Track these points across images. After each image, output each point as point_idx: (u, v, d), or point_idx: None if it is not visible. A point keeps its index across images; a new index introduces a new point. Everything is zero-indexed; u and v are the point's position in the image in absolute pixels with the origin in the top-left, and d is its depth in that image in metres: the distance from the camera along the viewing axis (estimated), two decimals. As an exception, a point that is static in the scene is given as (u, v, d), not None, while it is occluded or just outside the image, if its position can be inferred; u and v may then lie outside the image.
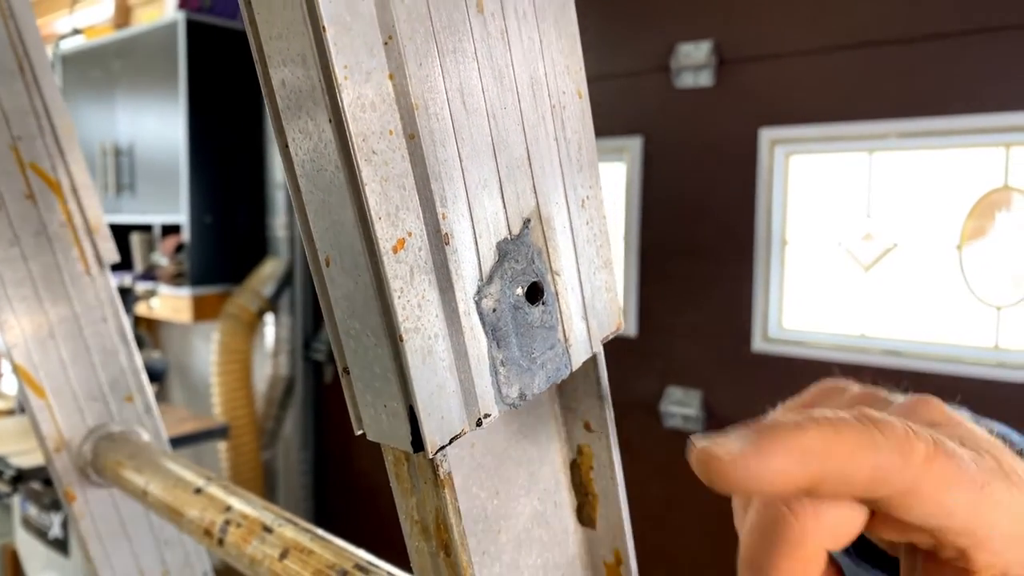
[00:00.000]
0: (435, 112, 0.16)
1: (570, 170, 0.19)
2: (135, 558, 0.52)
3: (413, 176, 0.16)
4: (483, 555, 0.22)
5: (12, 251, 0.46)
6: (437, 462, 0.18)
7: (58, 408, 0.48)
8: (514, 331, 0.18)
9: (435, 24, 0.16)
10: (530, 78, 0.18)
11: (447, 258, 0.16)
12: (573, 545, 0.25)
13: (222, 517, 0.37)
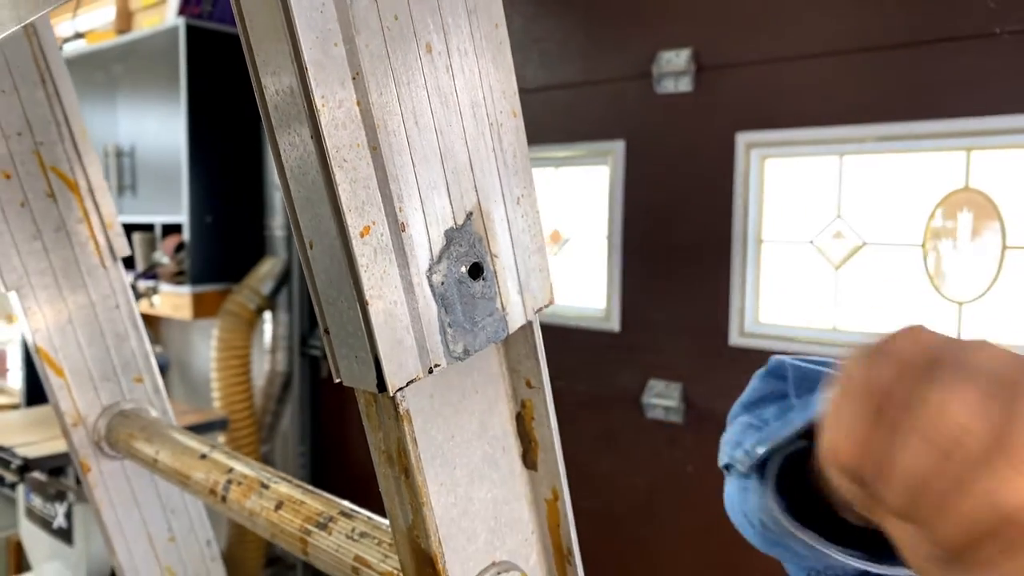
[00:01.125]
0: (393, 129, 0.21)
1: (506, 174, 0.24)
2: (144, 524, 0.57)
3: (376, 179, 0.20)
4: (440, 485, 0.26)
5: (35, 244, 0.50)
6: (398, 400, 0.22)
7: (75, 387, 0.52)
8: (459, 300, 0.23)
9: (392, 62, 0.20)
10: (471, 102, 0.23)
11: (403, 242, 0.21)
12: (519, 484, 0.30)
13: (224, 478, 0.42)
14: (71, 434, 0.53)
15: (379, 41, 0.20)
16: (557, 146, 1.64)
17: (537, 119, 1.67)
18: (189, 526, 0.59)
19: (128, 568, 0.56)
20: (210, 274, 2.26)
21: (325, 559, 0.35)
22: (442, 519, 0.26)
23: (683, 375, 1.48)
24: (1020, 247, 1.15)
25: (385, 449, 0.24)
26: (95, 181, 0.52)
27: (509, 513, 0.29)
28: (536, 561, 0.30)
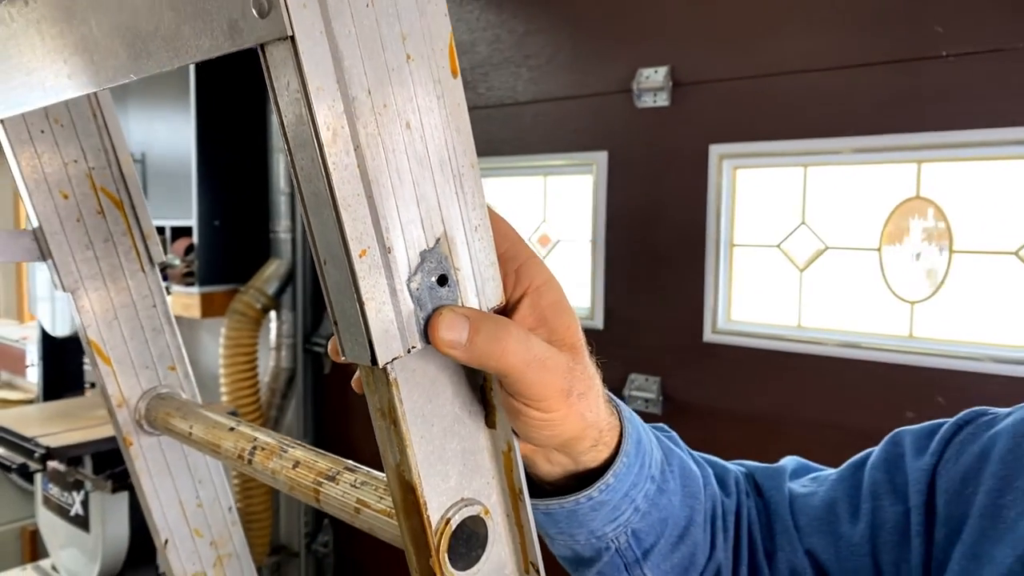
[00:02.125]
0: (382, 183, 0.29)
1: (466, 210, 0.33)
2: (176, 492, 0.65)
3: (370, 218, 0.29)
4: (420, 437, 0.35)
5: (87, 253, 0.59)
6: (387, 371, 0.31)
7: (120, 374, 0.61)
8: (430, 301, 0.32)
9: (382, 138, 0.29)
10: (440, 160, 0.32)
11: (389, 261, 0.30)
12: (482, 439, 0.39)
13: (250, 445, 0.51)
14: (116, 414, 0.62)
15: (373, 123, 0.29)
16: (545, 155, 1.73)
17: (527, 130, 1.76)
18: (214, 494, 0.68)
19: (163, 529, 0.65)
20: (218, 275, 2.34)
21: (334, 504, 0.44)
22: (421, 462, 0.35)
23: (661, 370, 1.57)
24: (965, 251, 1.24)
25: (379, 407, 0.33)
26: (136, 200, 0.61)
27: (475, 461, 0.38)
28: (496, 499, 0.39)
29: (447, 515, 0.37)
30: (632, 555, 0.52)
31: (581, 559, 0.53)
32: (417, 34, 0.31)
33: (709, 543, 0.55)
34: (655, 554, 0.53)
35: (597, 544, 0.51)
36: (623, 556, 0.52)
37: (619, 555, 0.52)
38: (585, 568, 0.54)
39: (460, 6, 1.87)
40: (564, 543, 0.52)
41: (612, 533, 0.51)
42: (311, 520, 2.46)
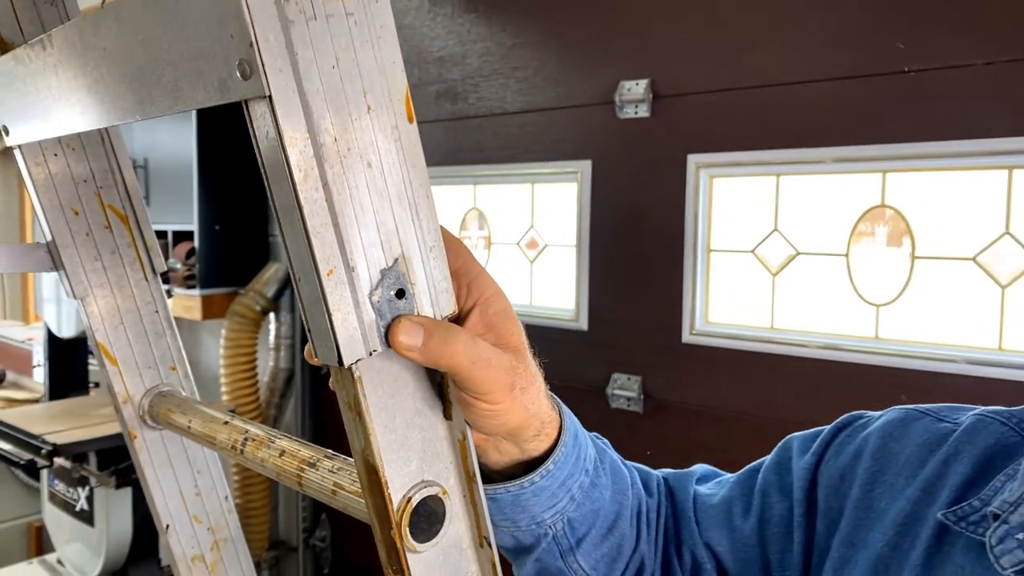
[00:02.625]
0: (347, 213, 0.35)
1: (421, 234, 0.39)
2: (176, 481, 0.71)
3: (336, 243, 0.35)
4: (383, 428, 0.41)
5: (96, 264, 0.65)
6: (352, 370, 0.37)
7: (125, 373, 0.67)
8: (389, 312, 0.38)
9: (347, 177, 0.35)
10: (397, 193, 0.37)
11: (353, 279, 0.36)
12: (441, 429, 0.44)
13: (242, 437, 0.56)
14: (122, 410, 0.68)
15: (338, 164, 0.35)
16: (533, 164, 1.78)
17: (516, 139, 1.82)
18: (211, 484, 0.73)
19: (164, 515, 0.70)
20: (218, 278, 2.40)
21: (314, 487, 0.49)
22: (384, 448, 0.40)
23: (642, 369, 1.63)
24: (927, 257, 1.30)
25: (347, 401, 0.39)
26: (140, 215, 0.67)
27: (434, 448, 0.44)
28: (453, 481, 0.45)
29: (409, 494, 0.42)
30: (567, 543, 0.58)
31: (522, 547, 0.59)
32: (377, 88, 0.37)
33: (635, 537, 0.61)
34: (587, 543, 0.58)
35: (536, 531, 0.57)
36: (559, 543, 0.58)
37: (555, 542, 0.58)
38: (525, 555, 0.59)
39: (451, 19, 1.92)
40: (507, 530, 0.58)
41: (550, 519, 0.56)
42: (309, 516, 2.52)
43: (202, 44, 0.35)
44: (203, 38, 0.35)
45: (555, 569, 0.59)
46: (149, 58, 0.39)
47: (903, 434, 0.56)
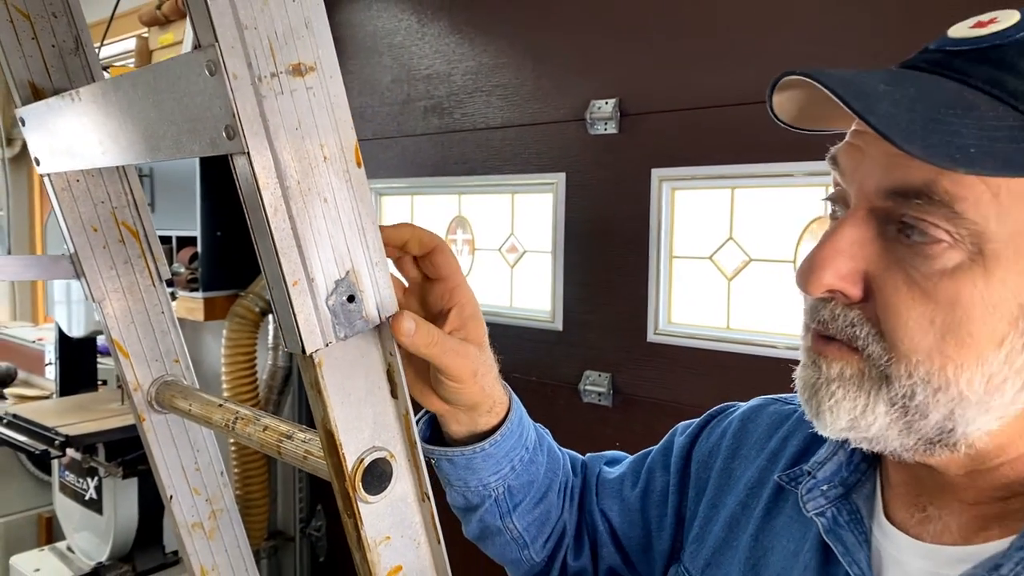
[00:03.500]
0: (309, 239, 0.46)
1: (367, 252, 0.49)
2: (179, 458, 0.82)
3: (300, 260, 0.46)
4: (340, 404, 0.52)
5: (112, 272, 0.76)
6: (312, 357, 0.48)
7: (136, 365, 0.78)
8: (342, 313, 0.48)
9: (308, 210, 0.46)
10: (350, 221, 0.48)
11: (313, 288, 0.46)
12: (389, 407, 0.55)
13: (233, 416, 0.67)
14: (132, 397, 0.78)
15: (301, 201, 0.46)
16: (513, 175, 1.89)
17: (497, 152, 1.92)
18: (209, 460, 0.84)
19: (168, 487, 0.81)
20: (220, 281, 2.49)
21: (290, 454, 0.60)
22: (340, 420, 0.51)
23: (612, 366, 1.73)
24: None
25: (309, 381, 0.49)
26: (149, 230, 0.78)
27: (383, 421, 0.55)
28: (399, 448, 0.56)
29: (362, 457, 0.53)
30: (506, 506, 0.70)
31: (470, 505, 0.70)
32: (331, 142, 0.47)
33: (560, 507, 0.73)
34: (522, 507, 0.70)
35: (482, 492, 0.68)
36: (499, 505, 0.70)
37: (496, 504, 0.70)
38: (471, 514, 0.71)
39: (438, 40, 2.03)
40: (459, 490, 0.69)
41: (494, 483, 0.68)
42: (306, 507, 2.62)
43: (198, 111, 0.46)
44: (199, 107, 0.46)
45: (495, 528, 0.71)
46: (158, 117, 0.50)
47: (758, 416, 0.67)
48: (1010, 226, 0.41)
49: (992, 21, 0.45)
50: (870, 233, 0.46)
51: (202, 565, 0.85)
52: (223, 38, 0.43)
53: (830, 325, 0.48)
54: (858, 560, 0.51)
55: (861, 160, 0.47)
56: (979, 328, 0.43)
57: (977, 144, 0.39)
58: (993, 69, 0.43)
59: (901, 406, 0.46)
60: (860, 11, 1.37)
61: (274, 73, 0.45)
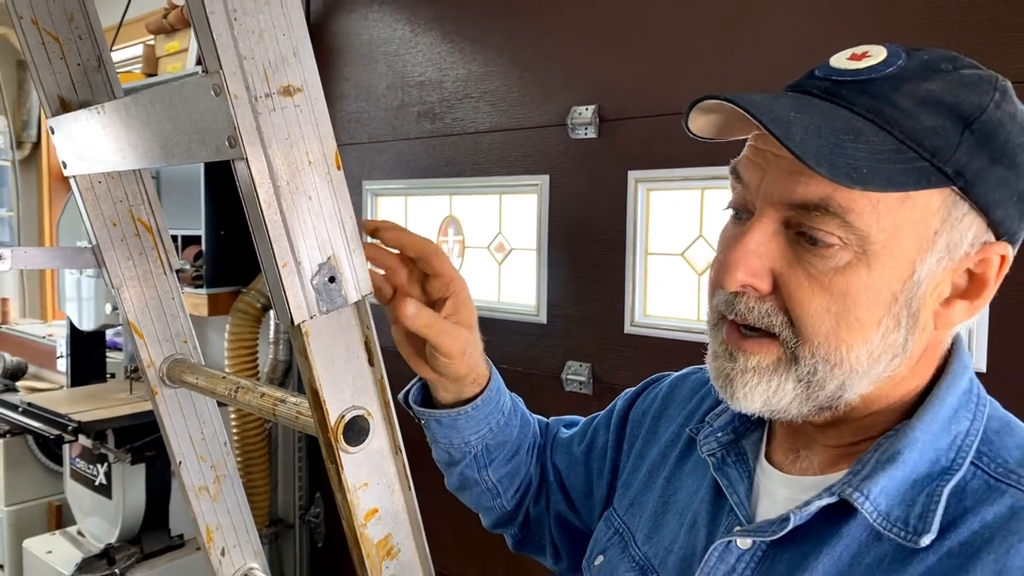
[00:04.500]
0: (296, 228, 0.55)
1: (346, 240, 0.59)
2: (187, 428, 0.91)
3: (289, 247, 0.55)
4: (324, 369, 0.61)
5: (128, 263, 0.85)
6: (300, 327, 0.57)
7: (149, 344, 0.87)
8: (324, 291, 0.58)
9: (297, 207, 0.55)
10: (331, 215, 0.58)
11: (300, 270, 0.56)
12: (366, 372, 0.65)
13: (235, 387, 0.77)
14: (146, 372, 0.88)
15: (290, 198, 0.55)
16: (500, 177, 1.99)
17: (485, 155, 2.02)
18: (213, 432, 0.94)
19: (178, 454, 0.91)
20: (223, 278, 2.57)
21: (283, 415, 0.70)
22: (324, 381, 0.61)
23: (591, 357, 1.82)
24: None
25: (298, 348, 0.59)
26: (161, 225, 0.87)
27: (362, 384, 0.64)
28: (375, 408, 0.65)
29: (344, 414, 0.63)
30: (483, 461, 0.80)
31: (452, 460, 0.81)
32: (315, 150, 0.57)
33: (528, 464, 0.84)
34: (496, 463, 0.80)
35: (464, 448, 0.78)
36: (477, 461, 0.80)
37: (475, 459, 0.80)
38: (453, 468, 0.81)
39: (430, 48, 2.13)
40: (443, 447, 0.79)
41: (474, 441, 0.78)
42: (305, 495, 2.72)
43: (206, 124, 0.56)
44: (207, 121, 0.55)
45: (473, 480, 0.81)
46: (172, 128, 0.60)
47: (683, 382, 0.77)
48: (885, 231, 0.51)
49: (865, 55, 0.55)
50: (775, 236, 0.55)
51: (208, 524, 0.95)
52: (226, 66, 0.52)
53: (748, 316, 0.55)
54: (738, 492, 0.61)
55: (763, 175, 0.56)
56: (864, 313, 0.52)
57: (868, 166, 0.49)
58: (872, 100, 0.52)
59: (806, 382, 0.54)
60: (823, 27, 1.46)
61: (268, 94, 0.54)
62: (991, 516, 0.50)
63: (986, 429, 0.54)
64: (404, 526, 0.68)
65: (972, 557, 0.49)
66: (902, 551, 0.51)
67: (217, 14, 0.51)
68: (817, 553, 0.54)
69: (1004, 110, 0.50)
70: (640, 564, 0.68)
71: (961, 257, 0.52)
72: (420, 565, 0.70)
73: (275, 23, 0.54)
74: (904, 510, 0.52)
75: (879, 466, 0.54)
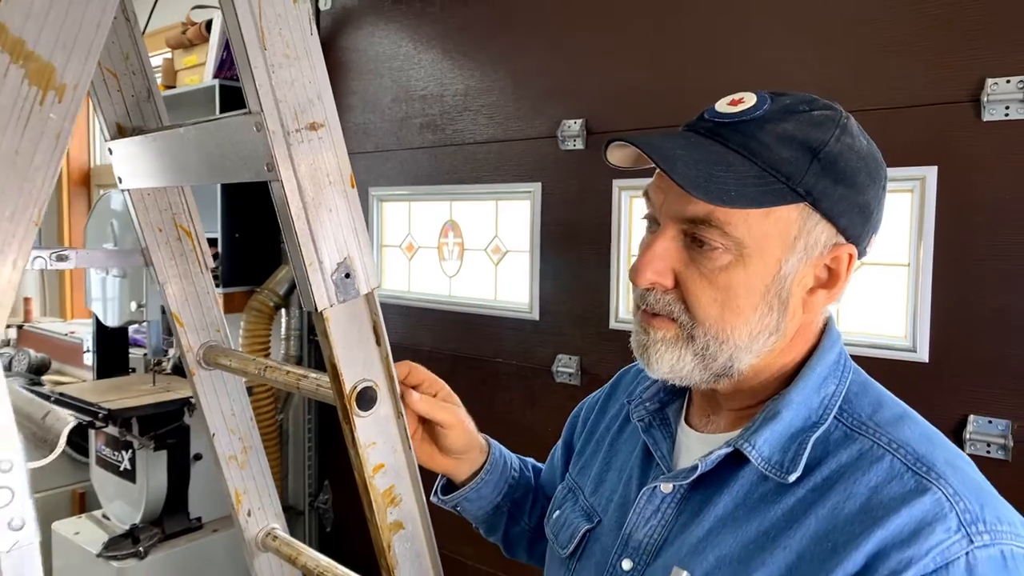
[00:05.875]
0: (320, 234, 0.69)
1: (359, 244, 0.73)
2: (219, 404, 1.05)
3: (314, 250, 0.69)
4: (340, 345, 0.75)
5: (171, 262, 0.99)
6: (322, 314, 0.71)
7: (189, 332, 1.01)
8: (341, 285, 0.72)
9: (320, 216, 0.69)
10: (345, 222, 0.72)
11: (321, 268, 0.70)
12: (373, 352, 0.79)
13: (263, 367, 0.91)
14: (186, 356, 1.02)
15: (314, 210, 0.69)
16: (496, 184, 2.13)
17: (482, 164, 2.16)
18: (242, 407, 1.08)
19: (212, 426, 1.05)
20: (238, 278, 2.67)
21: (305, 388, 0.84)
22: (340, 356, 0.75)
23: (580, 351, 1.96)
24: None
25: (320, 329, 0.73)
26: (199, 231, 1.01)
27: (371, 362, 0.78)
28: (382, 380, 0.79)
29: (356, 384, 0.77)
30: (516, 514, 0.96)
31: (495, 527, 0.99)
32: (335, 172, 0.71)
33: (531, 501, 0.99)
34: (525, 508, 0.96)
35: (498, 511, 0.96)
36: (512, 516, 0.97)
37: (510, 517, 0.97)
38: (498, 533, 1.00)
39: (432, 65, 2.27)
40: (481, 518, 0.97)
41: (501, 500, 0.95)
42: (314, 482, 2.86)
43: (248, 153, 0.70)
44: (249, 151, 0.69)
45: (518, 534, 0.98)
46: (219, 154, 0.74)
47: (628, 372, 0.92)
48: (755, 238, 0.64)
49: (740, 101, 0.68)
50: (675, 244, 0.68)
51: (236, 489, 1.09)
52: (266, 108, 0.66)
53: (655, 306, 0.69)
54: (662, 448, 0.75)
55: (664, 197, 0.69)
56: (743, 301, 0.65)
57: (735, 189, 0.62)
58: (742, 137, 0.65)
59: (701, 355, 0.68)
60: (796, 46, 1.60)
61: (297, 129, 0.68)
62: (845, 458, 0.64)
63: (848, 392, 0.68)
64: (405, 479, 0.82)
65: (829, 489, 0.63)
66: (781, 487, 0.65)
67: (259, 68, 0.65)
68: (720, 492, 0.68)
69: (843, 143, 0.64)
70: (587, 511, 0.82)
71: (817, 256, 0.66)
72: (419, 512, 0.84)
73: (303, 74, 0.68)
74: (781, 456, 0.65)
75: (764, 423, 0.67)
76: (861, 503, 0.60)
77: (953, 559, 0.56)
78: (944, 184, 1.38)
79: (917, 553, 0.56)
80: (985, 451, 1.35)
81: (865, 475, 0.62)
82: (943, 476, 0.60)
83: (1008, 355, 1.35)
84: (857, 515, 0.60)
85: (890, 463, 0.62)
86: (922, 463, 0.61)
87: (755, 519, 0.65)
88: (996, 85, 1.31)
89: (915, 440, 0.63)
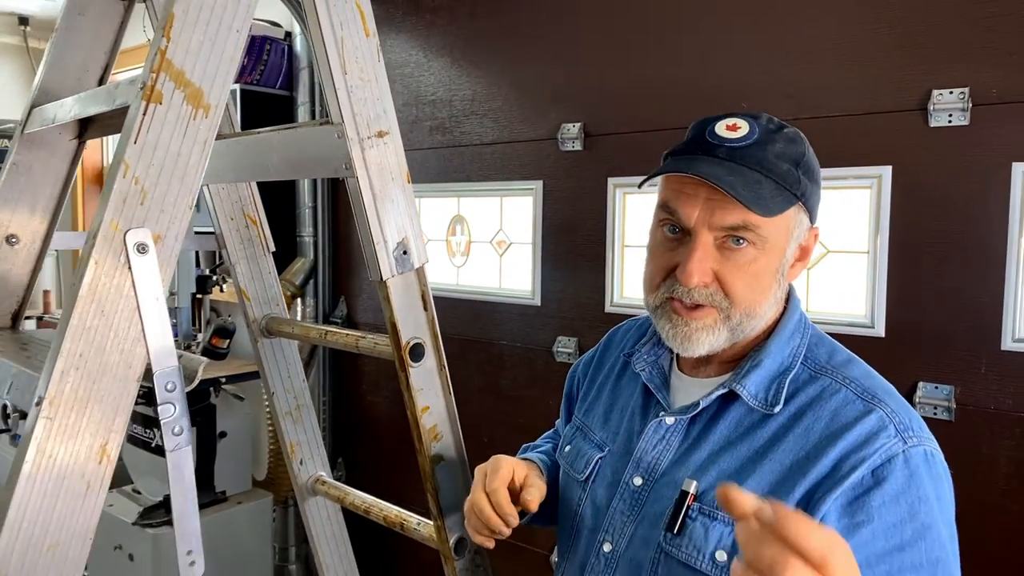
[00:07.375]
0: (385, 220, 0.86)
1: (414, 228, 0.90)
2: (278, 369, 1.23)
3: (381, 231, 0.87)
4: (399, 309, 0.93)
5: (240, 246, 1.17)
6: (386, 283, 0.89)
7: (254, 305, 1.19)
8: (400, 260, 0.89)
9: (386, 206, 0.87)
10: (403, 209, 0.89)
11: (387, 246, 0.87)
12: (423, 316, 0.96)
13: (324, 332, 1.08)
14: (251, 327, 1.19)
15: (383, 202, 0.87)
16: (501, 182, 2.30)
17: (489, 163, 2.33)
18: (297, 372, 1.25)
19: (272, 385, 1.22)
20: (257, 270, 2.86)
21: (364, 346, 1.01)
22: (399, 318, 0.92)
23: (578, 332, 2.13)
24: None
25: (383, 295, 0.91)
26: (262, 219, 1.19)
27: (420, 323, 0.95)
28: (427, 338, 0.97)
29: (409, 341, 0.94)
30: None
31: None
32: (395, 170, 0.89)
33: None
34: None
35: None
36: None
37: None
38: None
39: (441, 71, 2.44)
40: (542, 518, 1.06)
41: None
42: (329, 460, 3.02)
43: (328, 155, 0.87)
44: (329, 153, 0.87)
45: None
46: (300, 155, 0.92)
47: (617, 331, 1.09)
48: (773, 234, 0.82)
49: (736, 127, 0.85)
50: (711, 247, 0.83)
51: (291, 441, 1.26)
52: (346, 120, 0.84)
53: (699, 299, 0.83)
54: (661, 391, 0.92)
55: (696, 208, 0.82)
56: (765, 284, 0.83)
57: (770, 201, 0.79)
58: (755, 159, 0.82)
59: (733, 329, 0.84)
60: (770, 61, 1.78)
61: (368, 136, 0.86)
62: (812, 392, 0.82)
63: (809, 343, 0.87)
64: (445, 420, 1.00)
65: (802, 415, 0.81)
66: (765, 417, 0.83)
67: (341, 88, 0.83)
68: (716, 423, 0.86)
69: (809, 152, 0.83)
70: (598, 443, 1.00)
71: (802, 239, 0.85)
72: (455, 447, 1.02)
73: (373, 93, 0.86)
74: (765, 394, 0.84)
75: (751, 369, 0.85)
76: (826, 423, 0.79)
77: (894, 455, 0.75)
78: (897, 181, 1.57)
79: (868, 453, 0.75)
80: (932, 413, 1.54)
81: (827, 403, 0.80)
82: (883, 400, 0.79)
83: (953, 330, 1.53)
84: (824, 432, 0.78)
85: (844, 394, 0.81)
86: (868, 392, 0.80)
87: (746, 442, 0.83)
88: (941, 96, 1.50)
89: (860, 376, 0.82)
